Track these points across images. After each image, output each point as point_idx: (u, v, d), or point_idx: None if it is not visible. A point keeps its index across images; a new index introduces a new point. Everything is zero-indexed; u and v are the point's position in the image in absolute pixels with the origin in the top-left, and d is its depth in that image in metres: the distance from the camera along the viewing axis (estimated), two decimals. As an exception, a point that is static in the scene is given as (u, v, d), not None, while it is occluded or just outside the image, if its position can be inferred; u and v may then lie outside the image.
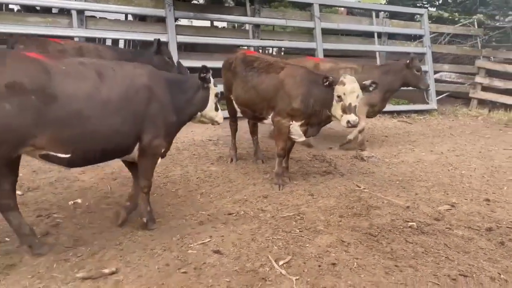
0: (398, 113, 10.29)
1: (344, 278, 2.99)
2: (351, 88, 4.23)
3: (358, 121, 4.31)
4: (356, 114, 4.28)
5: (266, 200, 4.47)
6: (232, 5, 13.53)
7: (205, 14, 9.53)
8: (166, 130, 3.45)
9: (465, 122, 9.99)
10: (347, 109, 4.24)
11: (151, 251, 3.25)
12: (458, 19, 13.71)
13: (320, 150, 6.53)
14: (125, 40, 11.29)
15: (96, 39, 8.50)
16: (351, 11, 17.12)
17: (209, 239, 3.47)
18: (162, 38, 8.25)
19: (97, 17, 9.67)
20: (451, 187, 5.13)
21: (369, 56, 11.69)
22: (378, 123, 9.09)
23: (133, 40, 10.64)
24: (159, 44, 5.92)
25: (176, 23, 8.75)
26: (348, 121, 4.23)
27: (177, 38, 8.28)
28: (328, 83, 4.30)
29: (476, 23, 12.84)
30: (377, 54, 11.15)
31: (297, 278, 2.97)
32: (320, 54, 9.67)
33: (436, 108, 10.76)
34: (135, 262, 3.08)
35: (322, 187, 4.88)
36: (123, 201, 4.20)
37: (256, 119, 5.30)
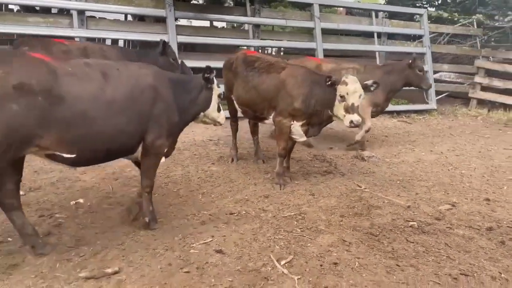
0: (398, 113, 10.31)
1: (346, 278, 3.01)
2: (354, 88, 4.25)
3: (360, 121, 4.33)
4: (358, 114, 4.30)
5: (267, 200, 4.48)
6: (231, 5, 13.52)
7: (205, 14, 9.54)
8: (169, 130, 3.48)
9: (464, 122, 10.02)
10: (350, 109, 4.25)
11: (154, 250, 3.26)
12: (457, 19, 13.73)
13: (321, 150, 6.54)
14: (124, 41, 11.29)
15: (95, 39, 8.49)
16: (350, 11, 17.15)
17: (211, 239, 3.48)
18: (162, 38, 8.35)
19: (96, 17, 9.68)
20: (451, 186, 5.15)
21: (368, 56, 11.71)
22: (378, 123, 9.10)
23: (132, 40, 10.65)
24: (164, 45, 5.97)
25: (175, 23, 8.74)
26: (351, 121, 4.24)
27: (178, 38, 8.29)
28: (331, 82, 4.32)
29: (475, 23, 12.86)
30: (376, 54, 11.17)
31: (299, 277, 2.98)
32: (320, 54, 9.68)
33: (435, 108, 10.78)
34: (137, 262, 3.09)
35: (323, 187, 4.89)
36: (125, 201, 4.24)
37: (257, 119, 5.31)
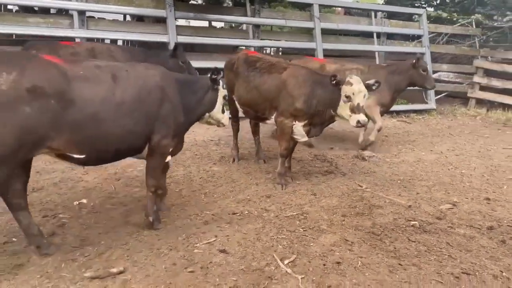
0: (397, 113, 10.33)
1: (349, 277, 3.03)
2: (359, 88, 4.28)
3: (367, 121, 4.36)
4: (364, 113, 4.33)
5: (269, 199, 4.50)
6: (231, 5, 13.54)
7: (205, 14, 9.55)
8: (175, 130, 3.51)
9: (463, 121, 10.06)
10: (356, 109, 4.29)
11: (158, 250, 3.28)
12: (456, 19, 13.78)
13: (321, 150, 6.57)
14: (123, 41, 11.30)
15: (95, 40, 8.50)
16: (348, 11, 17.18)
17: (215, 239, 3.50)
18: (162, 38, 8.37)
19: (95, 18, 9.68)
20: (452, 186, 5.18)
21: (367, 56, 11.74)
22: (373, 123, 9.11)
23: (131, 40, 10.65)
24: (175, 48, 6.17)
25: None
26: (358, 121, 4.27)
27: (178, 39, 8.30)
28: (336, 82, 4.35)
29: (474, 23, 12.91)
30: (376, 54, 11.20)
31: (302, 276, 3.00)
32: (320, 55, 9.70)
33: (435, 107, 10.82)
34: (142, 262, 3.10)
35: (324, 187, 4.92)
36: (128, 201, 4.26)
37: (259, 119, 5.33)
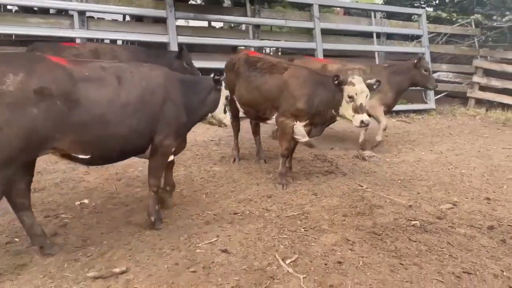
0: (397, 112, 10.34)
1: (351, 276, 3.04)
2: (361, 88, 4.32)
3: (370, 121, 4.40)
4: (367, 113, 4.37)
5: (270, 199, 4.51)
6: (231, 5, 13.55)
7: (205, 15, 9.56)
8: (177, 131, 3.54)
9: (463, 121, 10.07)
10: (359, 109, 4.31)
11: (160, 250, 3.29)
12: (455, 19, 13.81)
13: (321, 150, 6.58)
14: (122, 41, 11.31)
15: (95, 40, 8.51)
16: (348, 11, 17.20)
17: (216, 239, 3.51)
18: (162, 38, 8.38)
19: (95, 18, 9.68)
20: (452, 186, 5.20)
21: (367, 56, 11.76)
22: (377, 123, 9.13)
23: (131, 41, 10.65)
24: (181, 49, 6.21)
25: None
26: (362, 121, 4.30)
27: (178, 39, 8.31)
28: (338, 82, 4.37)
29: (473, 23, 12.95)
30: (376, 54, 11.22)
31: (304, 276, 3.01)
32: (320, 55, 9.72)
33: (434, 107, 10.84)
34: (144, 262, 3.12)
35: (325, 187, 4.93)
36: (129, 201, 4.27)
37: (260, 119, 5.34)
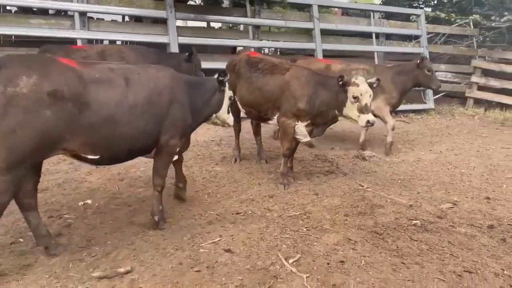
0: (396, 112, 10.35)
1: (353, 275, 3.07)
2: (365, 89, 4.35)
3: (376, 121, 4.44)
4: (372, 113, 4.42)
5: (272, 199, 4.54)
6: (231, 6, 13.57)
7: (205, 15, 9.58)
8: (183, 131, 3.59)
9: (462, 121, 10.11)
10: (364, 109, 4.35)
11: (164, 250, 3.32)
12: (454, 20, 13.87)
13: (322, 150, 6.61)
14: (123, 42, 11.32)
15: (96, 41, 8.54)
16: (346, 11, 17.25)
17: (219, 238, 3.54)
18: (163, 39, 8.40)
19: (94, 18, 9.68)
20: (452, 185, 5.23)
21: (366, 56, 11.80)
22: (377, 123, 9.15)
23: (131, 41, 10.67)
24: (191, 53, 6.30)
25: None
26: (368, 121, 4.34)
27: (178, 39, 8.32)
28: (343, 82, 4.40)
29: (472, 23, 13.00)
30: (375, 54, 11.26)
31: (307, 275, 3.04)
32: (320, 55, 9.75)
33: (433, 107, 10.88)
34: (148, 262, 3.14)
35: (326, 187, 4.97)
36: (132, 202, 4.29)
37: (261, 120, 5.37)
